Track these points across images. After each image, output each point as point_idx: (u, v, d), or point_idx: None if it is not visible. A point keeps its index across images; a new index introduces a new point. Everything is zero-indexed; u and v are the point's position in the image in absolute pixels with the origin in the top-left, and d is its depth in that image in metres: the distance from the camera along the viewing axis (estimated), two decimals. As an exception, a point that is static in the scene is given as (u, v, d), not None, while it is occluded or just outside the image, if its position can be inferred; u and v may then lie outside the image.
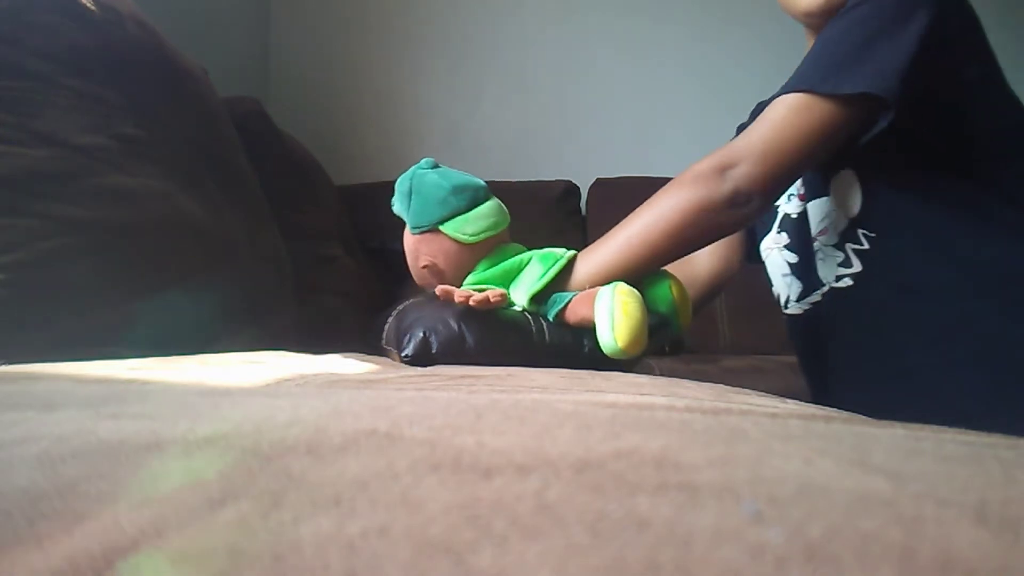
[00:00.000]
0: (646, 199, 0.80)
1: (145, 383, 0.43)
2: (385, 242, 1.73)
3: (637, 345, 0.69)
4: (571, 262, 0.78)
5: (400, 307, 0.85)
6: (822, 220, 0.90)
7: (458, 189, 0.77)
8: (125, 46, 0.94)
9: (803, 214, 0.93)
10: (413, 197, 0.79)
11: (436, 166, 0.81)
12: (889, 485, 0.18)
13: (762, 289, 1.25)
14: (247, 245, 1.07)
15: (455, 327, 0.72)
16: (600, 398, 0.39)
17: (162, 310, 0.82)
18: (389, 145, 2.34)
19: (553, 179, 2.16)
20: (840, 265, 0.87)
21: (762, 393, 0.57)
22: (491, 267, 0.79)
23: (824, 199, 0.89)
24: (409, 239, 0.82)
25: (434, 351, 0.71)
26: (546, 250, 0.80)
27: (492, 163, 2.24)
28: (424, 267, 0.80)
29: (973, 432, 0.31)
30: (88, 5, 0.89)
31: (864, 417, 0.39)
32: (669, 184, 0.78)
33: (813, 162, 0.81)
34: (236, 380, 0.50)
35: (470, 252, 0.78)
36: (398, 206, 0.81)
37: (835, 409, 0.46)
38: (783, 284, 0.99)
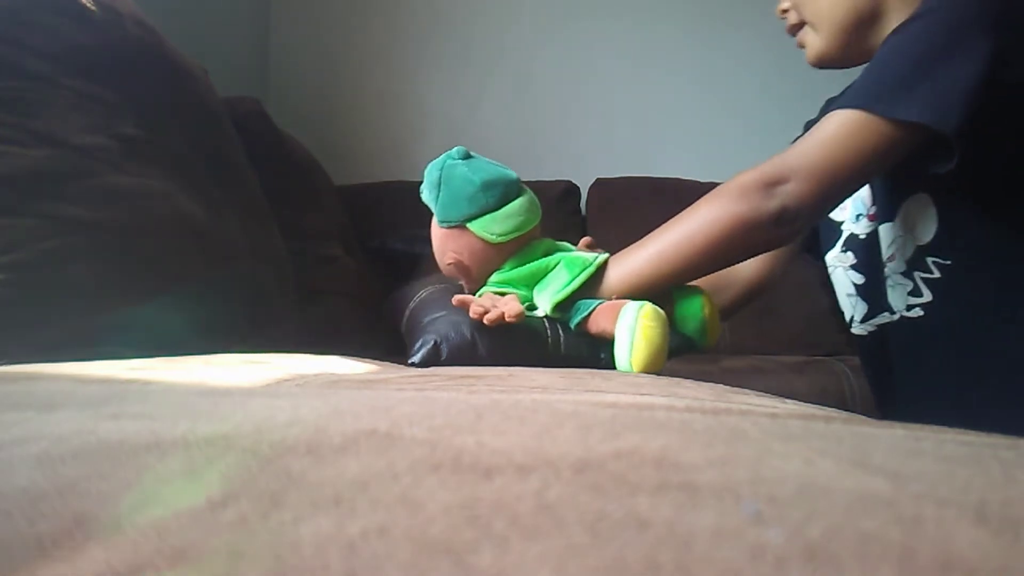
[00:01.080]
0: (646, 199, 0.78)
1: (145, 383, 0.43)
2: (385, 242, 1.73)
3: (652, 370, 0.68)
4: (601, 268, 0.76)
5: (420, 295, 0.84)
6: (890, 245, 0.86)
7: (488, 185, 0.76)
8: (125, 46, 0.94)
9: (872, 235, 0.89)
10: (442, 189, 0.77)
11: (468, 156, 0.78)
12: (889, 485, 0.18)
13: (762, 289, 1.24)
14: (247, 245, 1.07)
15: (467, 335, 0.71)
16: (600, 398, 0.39)
17: (162, 310, 0.82)
18: (389, 145, 2.34)
19: (553, 179, 2.16)
20: (910, 294, 0.83)
21: (762, 393, 0.57)
22: (518, 266, 0.78)
23: (892, 223, 0.85)
24: (436, 231, 0.81)
25: (443, 358, 0.70)
26: (575, 254, 0.79)
27: (492, 163, 2.24)
28: (450, 264, 0.80)
29: (973, 432, 0.31)
30: (88, 5, 0.89)
31: (864, 417, 0.39)
32: (710, 195, 0.75)
33: (866, 181, 0.79)
34: (236, 380, 0.50)
35: (497, 251, 0.77)
36: (427, 195, 0.80)
37: (835, 409, 0.46)
38: (848, 303, 0.96)
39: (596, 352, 0.74)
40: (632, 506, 0.16)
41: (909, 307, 0.84)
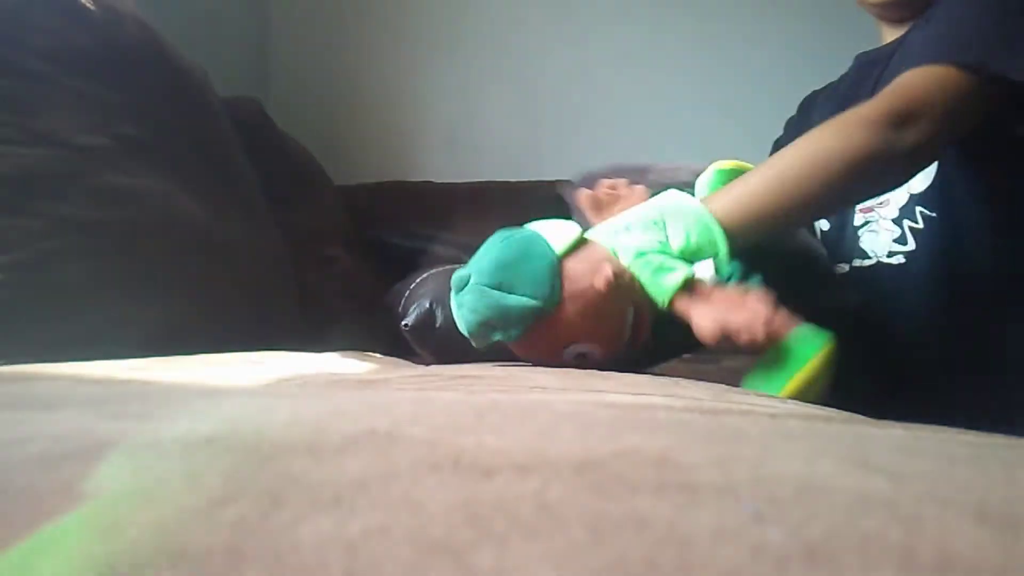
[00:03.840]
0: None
1: (145, 383, 0.43)
2: (382, 235, 1.73)
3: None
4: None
5: (422, 276, 0.82)
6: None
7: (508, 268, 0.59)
8: (125, 46, 0.94)
9: None
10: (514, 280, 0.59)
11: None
12: (889, 485, 0.18)
13: (762, 289, 1.24)
14: (247, 245, 1.07)
15: None
16: (600, 398, 0.39)
17: (162, 310, 0.82)
18: (389, 145, 2.34)
19: (553, 179, 2.16)
20: (896, 241, 0.83)
21: (762, 393, 0.57)
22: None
23: None
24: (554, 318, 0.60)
25: (438, 324, 0.65)
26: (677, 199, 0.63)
27: (492, 163, 2.23)
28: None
29: (973, 432, 0.31)
30: (88, 5, 0.89)
31: (864, 417, 0.39)
32: (826, 127, 0.67)
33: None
34: (236, 380, 0.50)
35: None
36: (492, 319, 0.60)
37: (835, 409, 0.46)
38: None
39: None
40: (632, 506, 0.16)
41: (891, 253, 0.84)
